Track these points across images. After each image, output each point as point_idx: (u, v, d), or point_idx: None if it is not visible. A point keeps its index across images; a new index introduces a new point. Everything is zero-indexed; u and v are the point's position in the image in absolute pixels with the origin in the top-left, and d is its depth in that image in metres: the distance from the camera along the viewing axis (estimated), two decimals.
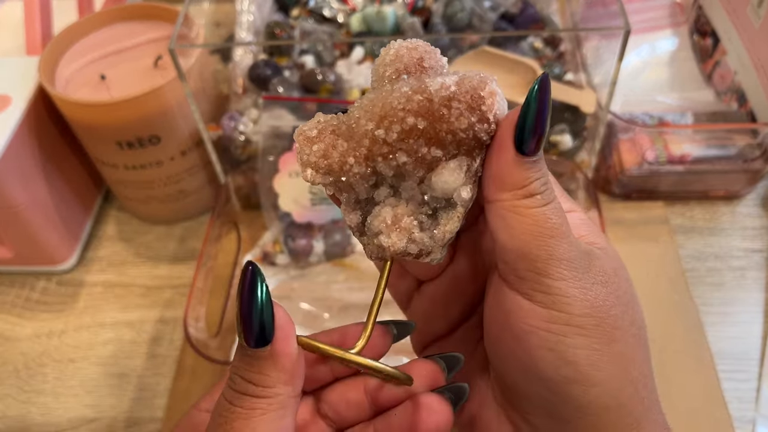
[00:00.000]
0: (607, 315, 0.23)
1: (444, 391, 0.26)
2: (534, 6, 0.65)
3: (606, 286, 0.23)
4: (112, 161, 0.58)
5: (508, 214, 0.22)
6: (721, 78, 0.65)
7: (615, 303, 0.23)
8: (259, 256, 0.58)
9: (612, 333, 0.23)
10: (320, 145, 0.23)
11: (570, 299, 0.22)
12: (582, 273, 0.23)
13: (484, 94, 0.22)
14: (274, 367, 0.22)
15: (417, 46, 0.24)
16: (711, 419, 0.48)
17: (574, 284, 0.22)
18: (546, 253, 0.22)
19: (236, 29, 0.65)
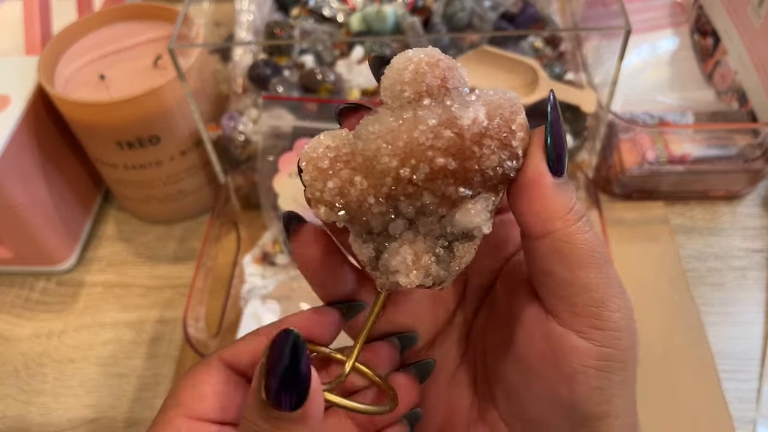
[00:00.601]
0: (636, 343, 0.23)
1: (412, 369, 0.27)
2: (534, 5, 0.65)
3: (632, 311, 0.23)
4: (112, 161, 0.58)
5: (563, 246, 0.21)
6: (721, 78, 0.65)
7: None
8: (259, 256, 0.58)
9: (635, 362, 0.23)
10: (336, 181, 0.21)
11: (620, 333, 0.22)
12: (625, 299, 0.22)
13: (515, 127, 0.21)
14: (304, 428, 0.21)
15: (438, 61, 0.21)
16: (711, 419, 0.48)
17: (624, 314, 0.22)
18: (604, 282, 0.22)
19: (236, 29, 0.65)
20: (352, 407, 0.24)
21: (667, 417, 0.48)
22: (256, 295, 0.55)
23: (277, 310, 0.54)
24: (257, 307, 0.54)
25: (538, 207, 0.21)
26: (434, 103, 0.21)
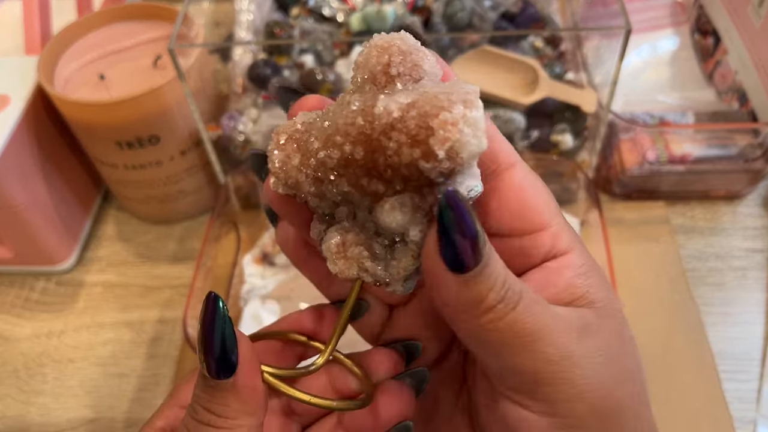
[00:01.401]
0: (611, 402, 0.21)
1: (405, 377, 0.25)
2: (534, 5, 0.65)
3: (608, 365, 0.21)
4: (112, 161, 0.58)
5: (479, 333, 0.20)
6: (722, 77, 0.65)
7: (619, 380, 0.21)
8: (259, 256, 0.58)
9: (617, 421, 0.21)
10: (281, 154, 0.21)
11: (572, 402, 0.20)
12: (581, 360, 0.20)
13: (435, 124, 0.18)
14: (237, 398, 0.22)
15: (390, 45, 0.20)
16: (712, 420, 0.48)
17: (575, 381, 0.20)
18: (533, 363, 0.20)
19: (236, 29, 0.65)
20: (334, 407, 0.24)
21: (667, 417, 0.48)
22: (255, 295, 0.55)
23: (277, 310, 0.54)
24: (257, 307, 0.54)
25: (441, 302, 0.20)
26: (376, 88, 0.20)
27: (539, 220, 0.22)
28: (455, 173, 0.19)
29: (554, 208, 0.23)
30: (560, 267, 0.22)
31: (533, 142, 0.57)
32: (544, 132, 0.57)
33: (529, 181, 0.23)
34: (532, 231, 0.22)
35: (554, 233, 0.22)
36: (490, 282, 0.19)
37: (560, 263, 0.22)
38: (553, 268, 0.22)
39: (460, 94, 0.19)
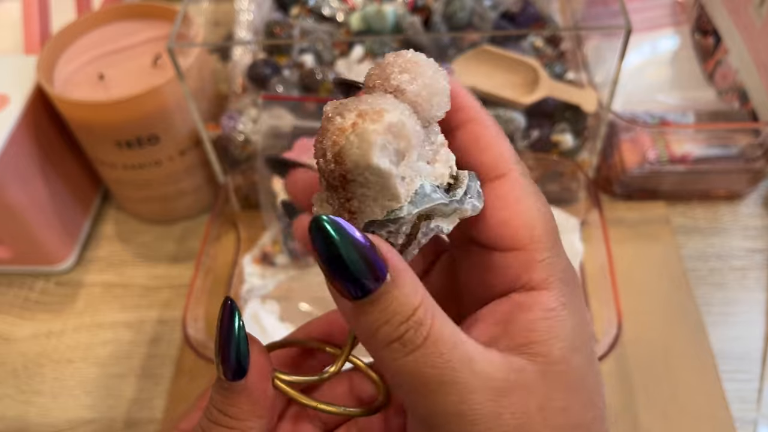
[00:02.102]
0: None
1: None
2: (535, 5, 0.65)
3: (520, 429, 0.20)
4: (111, 161, 0.58)
5: (385, 367, 0.20)
6: (722, 77, 0.65)
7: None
8: (259, 256, 0.58)
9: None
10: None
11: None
12: (486, 418, 0.19)
13: (331, 128, 0.19)
14: (247, 400, 0.23)
15: (387, 61, 0.21)
16: (712, 420, 0.48)
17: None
18: (427, 410, 0.19)
19: (235, 28, 0.65)
20: (346, 413, 0.24)
21: (667, 417, 0.48)
22: (255, 295, 0.55)
23: (277, 310, 0.54)
24: (257, 307, 0.54)
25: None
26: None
27: (512, 237, 0.21)
28: (348, 182, 0.19)
29: (540, 234, 0.21)
30: (529, 303, 0.21)
31: (533, 142, 0.57)
32: (544, 132, 0.57)
33: (514, 197, 0.21)
34: (502, 247, 0.21)
35: (528, 258, 0.21)
36: (383, 316, 0.19)
37: (531, 299, 0.21)
38: (521, 303, 0.21)
39: (367, 105, 0.19)
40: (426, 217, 0.21)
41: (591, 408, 0.21)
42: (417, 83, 0.21)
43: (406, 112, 0.20)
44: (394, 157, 0.20)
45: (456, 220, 0.21)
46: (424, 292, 0.20)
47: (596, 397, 0.21)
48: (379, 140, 0.19)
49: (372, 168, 0.19)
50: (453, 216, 0.21)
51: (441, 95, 0.21)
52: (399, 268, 0.19)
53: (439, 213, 0.21)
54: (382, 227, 0.20)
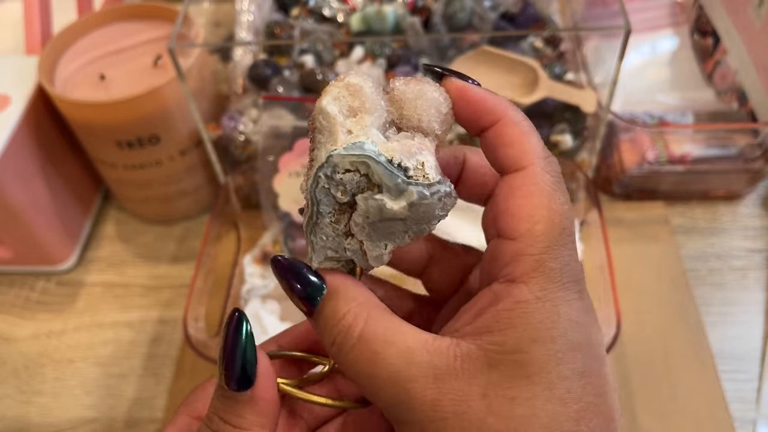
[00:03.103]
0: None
1: None
2: (534, 5, 0.65)
3: (457, 418, 0.20)
4: (112, 161, 0.58)
5: (340, 369, 0.23)
6: (721, 77, 0.65)
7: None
8: (259, 256, 0.58)
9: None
10: None
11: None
12: (427, 410, 0.20)
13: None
14: (252, 410, 0.23)
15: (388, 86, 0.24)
16: (712, 420, 0.48)
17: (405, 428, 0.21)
18: (382, 406, 0.22)
19: (236, 29, 0.65)
20: (317, 401, 0.25)
21: (667, 417, 0.48)
22: (256, 295, 0.55)
23: (277, 310, 0.54)
24: (257, 307, 0.54)
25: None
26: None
27: (512, 227, 0.21)
28: (313, 130, 0.23)
29: (539, 229, 0.21)
30: (502, 295, 0.21)
31: None
32: (544, 132, 0.57)
33: (527, 190, 0.21)
34: (502, 235, 0.22)
35: (518, 250, 0.21)
36: (323, 324, 0.23)
37: (506, 290, 0.21)
38: (497, 294, 0.21)
39: (344, 74, 0.23)
40: (377, 188, 0.22)
41: (554, 402, 0.20)
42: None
43: (369, 82, 0.23)
44: (345, 111, 0.23)
45: (403, 202, 0.22)
46: (362, 298, 0.23)
47: (566, 393, 0.20)
48: (335, 91, 0.23)
49: (323, 111, 0.23)
50: (400, 198, 0.22)
51: (435, 111, 0.24)
52: (334, 282, 0.23)
53: (386, 188, 0.22)
54: (321, 170, 0.23)
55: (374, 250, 0.24)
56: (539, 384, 0.20)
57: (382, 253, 0.24)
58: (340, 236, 0.24)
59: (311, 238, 0.24)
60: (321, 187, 0.23)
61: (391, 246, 0.24)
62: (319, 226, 0.23)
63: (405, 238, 0.24)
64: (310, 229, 0.24)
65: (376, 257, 0.24)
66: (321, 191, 0.23)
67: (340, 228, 0.24)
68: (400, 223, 0.23)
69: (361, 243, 0.24)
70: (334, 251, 0.24)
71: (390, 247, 0.24)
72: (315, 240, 0.24)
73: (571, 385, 0.20)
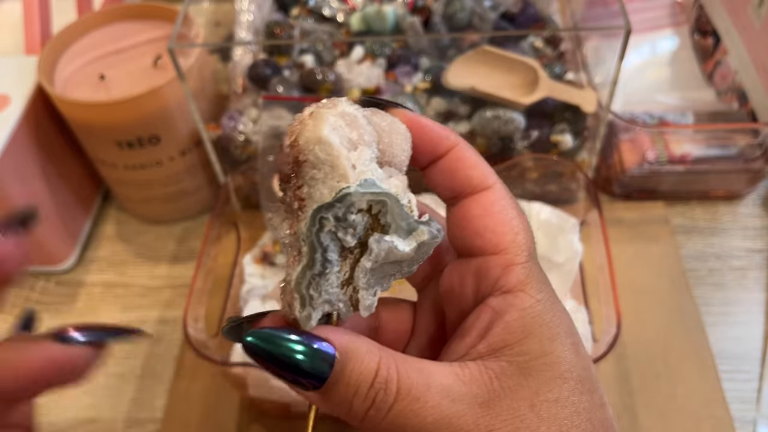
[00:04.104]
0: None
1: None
2: (534, 5, 0.65)
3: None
4: (112, 161, 0.58)
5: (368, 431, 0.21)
6: (721, 77, 0.65)
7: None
8: (259, 256, 0.58)
9: None
10: None
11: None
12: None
13: (291, 126, 0.21)
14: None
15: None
16: (712, 419, 0.48)
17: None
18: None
19: (236, 29, 0.65)
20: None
21: (667, 417, 0.48)
22: (255, 295, 0.55)
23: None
24: (257, 307, 0.54)
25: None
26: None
27: (495, 241, 0.22)
28: (300, 165, 0.20)
29: (520, 240, 0.22)
30: (504, 307, 0.21)
31: (533, 142, 0.57)
32: (544, 132, 0.57)
33: (499, 205, 0.23)
34: (485, 252, 0.22)
35: (508, 261, 0.22)
36: (350, 391, 0.20)
37: (506, 302, 0.21)
38: (497, 308, 0.22)
39: (326, 101, 0.21)
40: (381, 228, 0.21)
41: (587, 394, 0.21)
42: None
43: (361, 112, 0.21)
44: (345, 142, 0.20)
45: (413, 243, 0.21)
46: (377, 348, 0.20)
47: (590, 384, 0.21)
48: (331, 119, 0.20)
49: (322, 141, 0.19)
50: (410, 239, 0.21)
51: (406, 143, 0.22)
52: (343, 341, 0.20)
53: (394, 228, 0.21)
54: (330, 210, 0.20)
55: (367, 298, 0.21)
56: (570, 379, 0.21)
57: (373, 301, 0.21)
58: (339, 286, 0.21)
59: (308, 293, 0.20)
60: (328, 231, 0.20)
61: (380, 292, 0.22)
62: (325, 276, 0.20)
63: (391, 281, 0.22)
64: (308, 282, 0.20)
65: (368, 306, 0.21)
66: (327, 236, 0.20)
67: (341, 277, 0.21)
68: (396, 266, 0.22)
69: (355, 291, 0.21)
70: (330, 305, 0.21)
71: (379, 293, 0.22)
72: (314, 295, 0.20)
73: (590, 372, 0.21)
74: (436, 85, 0.58)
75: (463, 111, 0.57)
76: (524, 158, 0.56)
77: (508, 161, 0.56)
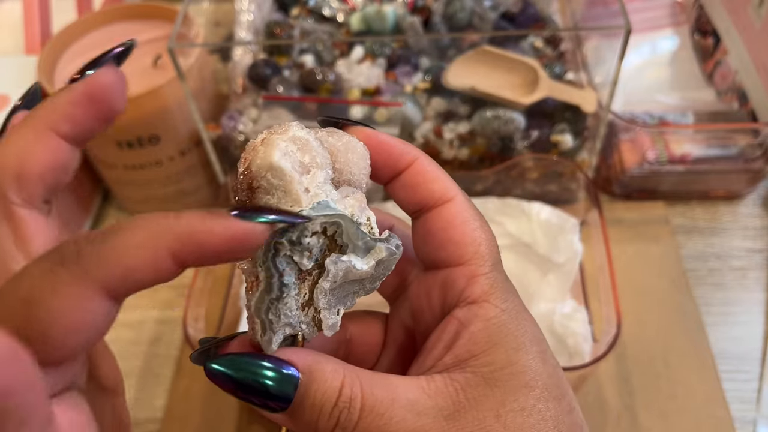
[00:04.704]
0: None
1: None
2: (534, 5, 0.65)
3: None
4: (112, 161, 0.58)
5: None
6: (722, 77, 0.65)
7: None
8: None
9: None
10: None
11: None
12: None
13: (245, 152, 0.21)
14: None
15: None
16: (712, 419, 0.48)
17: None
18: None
19: (236, 28, 0.65)
20: None
21: (667, 417, 0.48)
22: None
23: None
24: None
25: None
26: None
27: (458, 253, 0.22)
28: (254, 191, 0.20)
29: (483, 250, 0.22)
30: (469, 318, 0.22)
31: (533, 142, 0.57)
32: (544, 132, 0.57)
33: (461, 217, 0.23)
34: (449, 264, 0.23)
35: (471, 272, 0.22)
36: (314, 412, 0.20)
37: (471, 313, 0.22)
38: (463, 320, 0.22)
39: (277, 126, 0.21)
40: (339, 249, 0.21)
41: (553, 401, 0.21)
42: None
43: (312, 135, 0.21)
44: (297, 167, 0.20)
45: (371, 262, 0.21)
46: (342, 366, 0.20)
47: (557, 390, 0.21)
48: (282, 144, 0.20)
49: (274, 168, 0.20)
50: (368, 257, 0.21)
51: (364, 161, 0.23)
52: (307, 362, 0.20)
53: (351, 248, 0.21)
54: (284, 235, 0.20)
55: (330, 318, 0.21)
56: (536, 387, 0.21)
57: (336, 320, 0.22)
58: (299, 309, 0.21)
59: (267, 317, 0.20)
60: (283, 255, 0.20)
61: (343, 310, 0.22)
62: (283, 300, 0.20)
63: (354, 299, 0.22)
64: (266, 306, 0.20)
65: (332, 325, 0.21)
66: (283, 260, 0.20)
67: (300, 299, 0.21)
68: (358, 284, 0.22)
69: (317, 312, 0.21)
70: (291, 327, 0.21)
71: (342, 312, 0.22)
72: (274, 319, 0.20)
73: (558, 378, 0.21)
74: (436, 85, 0.58)
75: (463, 111, 0.57)
76: (524, 158, 0.56)
77: (508, 161, 0.56)
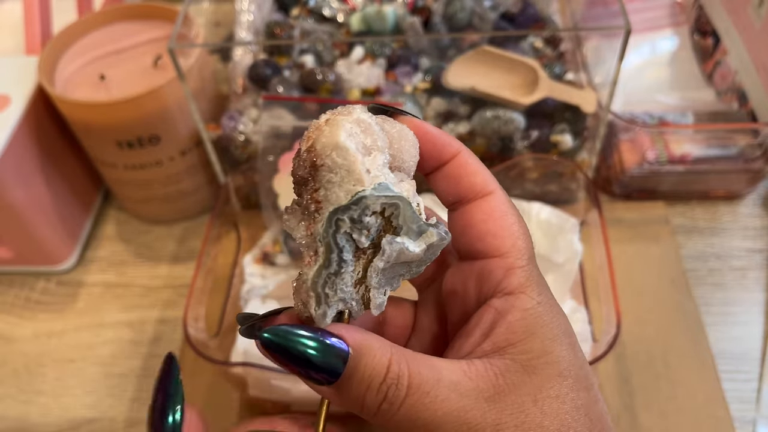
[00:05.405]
0: None
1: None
2: (534, 5, 0.65)
3: (523, 425, 0.21)
4: (112, 161, 0.58)
5: (383, 426, 0.21)
6: (721, 78, 0.65)
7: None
8: (259, 256, 0.58)
9: None
10: None
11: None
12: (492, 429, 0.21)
13: (307, 132, 0.22)
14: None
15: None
16: (712, 419, 0.48)
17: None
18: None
19: (236, 29, 0.65)
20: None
21: (666, 417, 0.48)
22: (256, 295, 0.55)
23: None
24: (257, 308, 0.54)
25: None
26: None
27: (496, 245, 0.23)
28: (317, 169, 0.21)
29: (521, 244, 0.23)
30: (507, 308, 0.22)
31: (533, 142, 0.57)
32: (544, 132, 0.57)
33: (500, 210, 0.24)
34: (487, 255, 0.23)
35: (509, 264, 0.23)
36: (363, 386, 0.20)
37: (508, 303, 0.23)
38: (500, 309, 0.23)
39: (341, 108, 0.22)
40: (393, 230, 0.22)
41: (584, 390, 0.22)
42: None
43: (374, 119, 0.22)
44: (360, 148, 0.21)
45: (423, 245, 0.22)
46: (389, 345, 0.21)
47: (586, 381, 0.22)
48: (347, 125, 0.21)
49: (339, 147, 0.21)
50: (420, 240, 0.22)
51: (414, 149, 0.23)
52: (357, 338, 0.21)
53: (405, 230, 0.22)
54: (346, 212, 0.21)
55: (378, 297, 0.22)
56: (569, 377, 0.22)
57: (383, 300, 0.22)
58: (352, 285, 0.22)
59: (324, 291, 0.21)
60: (343, 233, 0.21)
61: (389, 291, 0.23)
62: (341, 276, 0.21)
63: (400, 281, 0.23)
64: (323, 281, 0.21)
65: (379, 305, 0.22)
66: (343, 237, 0.21)
67: (355, 276, 0.22)
68: (406, 267, 0.23)
69: (367, 291, 0.22)
70: (343, 303, 0.22)
71: (389, 293, 0.23)
72: (330, 293, 0.21)
73: (587, 370, 0.23)
74: (436, 85, 0.58)
75: (463, 111, 0.57)
76: (524, 158, 0.56)
77: (508, 161, 0.56)
